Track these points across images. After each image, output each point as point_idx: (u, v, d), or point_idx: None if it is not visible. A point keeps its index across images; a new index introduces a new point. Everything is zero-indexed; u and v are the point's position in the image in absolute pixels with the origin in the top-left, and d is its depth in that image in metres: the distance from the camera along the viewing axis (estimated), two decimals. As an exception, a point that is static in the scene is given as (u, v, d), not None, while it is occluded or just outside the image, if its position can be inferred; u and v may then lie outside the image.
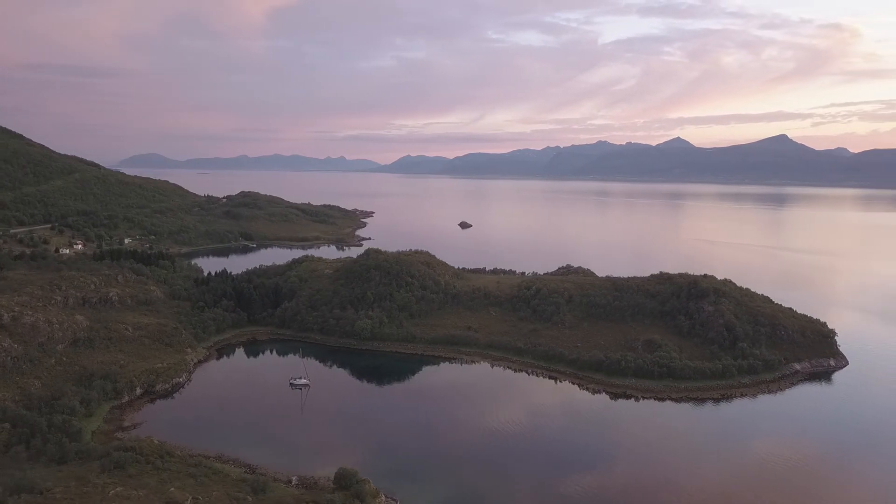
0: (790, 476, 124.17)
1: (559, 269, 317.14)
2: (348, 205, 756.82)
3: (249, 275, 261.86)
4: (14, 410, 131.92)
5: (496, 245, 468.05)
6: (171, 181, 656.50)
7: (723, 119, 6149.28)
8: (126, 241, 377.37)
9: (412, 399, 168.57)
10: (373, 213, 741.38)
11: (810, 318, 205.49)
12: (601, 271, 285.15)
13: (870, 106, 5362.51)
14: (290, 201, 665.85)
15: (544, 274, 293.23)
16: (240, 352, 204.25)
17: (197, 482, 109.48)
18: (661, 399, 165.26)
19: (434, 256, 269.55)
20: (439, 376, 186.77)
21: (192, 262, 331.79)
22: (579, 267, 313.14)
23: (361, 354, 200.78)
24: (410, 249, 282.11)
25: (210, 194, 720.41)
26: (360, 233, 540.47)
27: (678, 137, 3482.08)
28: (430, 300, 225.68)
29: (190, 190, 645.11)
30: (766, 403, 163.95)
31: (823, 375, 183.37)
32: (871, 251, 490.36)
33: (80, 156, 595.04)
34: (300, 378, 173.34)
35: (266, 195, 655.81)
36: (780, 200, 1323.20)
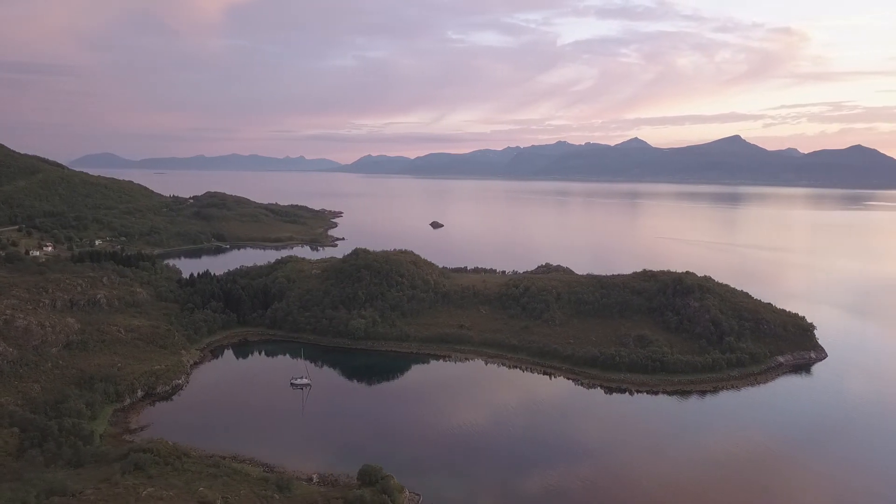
0: (776, 465, 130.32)
1: (539, 267, 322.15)
2: (314, 205, 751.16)
3: (233, 276, 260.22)
4: (21, 415, 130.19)
5: (470, 245, 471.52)
6: (134, 181, 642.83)
7: (678, 120, 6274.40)
8: (97, 242, 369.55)
9: (413, 397, 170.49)
10: (341, 213, 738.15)
11: (790, 312, 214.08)
12: (579, 270, 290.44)
13: (817, 108, 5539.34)
14: (257, 202, 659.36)
15: (524, 273, 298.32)
16: (234, 353, 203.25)
17: (220, 482, 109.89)
18: (655, 392, 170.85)
19: (419, 256, 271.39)
20: (437, 374, 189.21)
21: (167, 263, 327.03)
22: (558, 265, 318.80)
23: (356, 354, 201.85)
24: (395, 249, 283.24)
25: (175, 195, 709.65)
26: (332, 233, 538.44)
27: (636, 138, 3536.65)
28: (421, 299, 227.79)
29: (153, 190, 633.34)
30: (757, 394, 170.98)
31: (805, 367, 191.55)
32: (825, 248, 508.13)
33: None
34: (301, 378, 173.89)
35: (233, 196, 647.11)
36: (735, 199, 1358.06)
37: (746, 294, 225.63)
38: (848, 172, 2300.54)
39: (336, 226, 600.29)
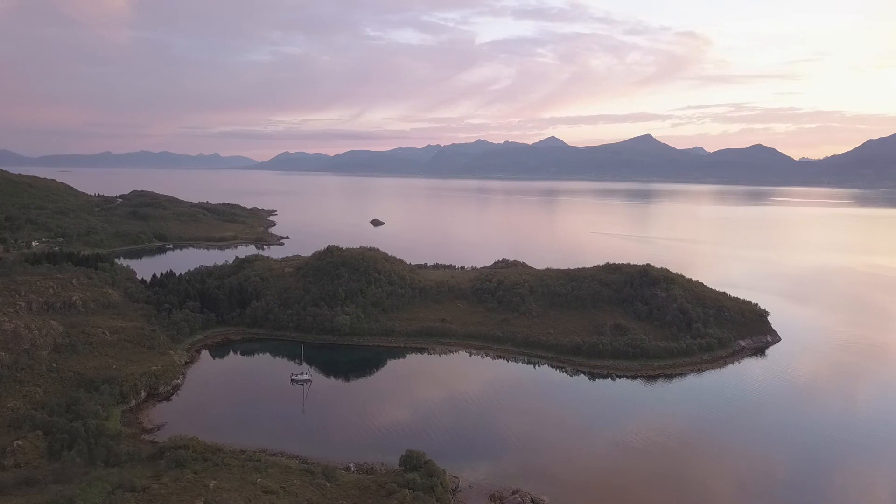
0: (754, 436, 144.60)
1: (496, 262, 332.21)
2: (245, 203, 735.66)
3: (200, 275, 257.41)
4: (41, 418, 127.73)
5: (417, 242, 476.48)
6: (56, 180, 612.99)
7: (592, 119, 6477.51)
8: (34, 243, 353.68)
9: (409, 388, 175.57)
10: (275, 211, 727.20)
11: (745, 300, 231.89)
12: (532, 265, 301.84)
13: (720, 109, 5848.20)
14: (188, 200, 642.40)
15: (483, 268, 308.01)
16: (221, 352, 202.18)
17: (267, 474, 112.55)
18: (637, 377, 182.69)
19: (386, 253, 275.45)
20: (427, 366, 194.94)
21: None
22: (515, 261, 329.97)
23: (343, 349, 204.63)
24: (360, 247, 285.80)
25: (99, 193, 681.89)
26: (274, 231, 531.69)
27: (553, 137, 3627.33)
28: (400, 295, 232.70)
29: (78, 190, 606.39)
30: (728, 374, 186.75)
31: (763, 350, 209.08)
32: (745, 241, 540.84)
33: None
34: (301, 374, 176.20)
35: (165, 195, 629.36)
36: (650, 196, 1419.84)
37: (702, 284, 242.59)
38: (749, 170, 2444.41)
39: (275, 224, 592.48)
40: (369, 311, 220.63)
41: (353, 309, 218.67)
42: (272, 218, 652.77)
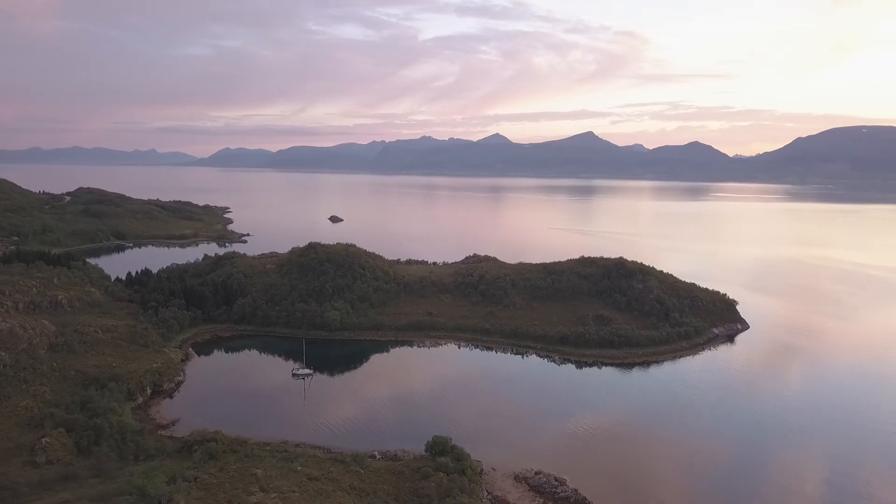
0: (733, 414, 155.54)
1: (467, 257, 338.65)
2: (196, 201, 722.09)
3: (180, 273, 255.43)
4: (62, 415, 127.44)
5: (380, 238, 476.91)
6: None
7: (535, 116, 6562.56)
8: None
9: (406, 379, 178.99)
10: (229, 208, 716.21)
11: (714, 290, 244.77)
12: (504, 260, 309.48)
13: (658, 107, 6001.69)
14: (137, 197, 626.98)
15: (454, 263, 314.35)
16: (213, 349, 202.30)
17: (301, 463, 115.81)
18: (624, 365, 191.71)
19: (364, 249, 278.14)
20: (420, 358, 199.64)
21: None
22: (486, 255, 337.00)
23: (334, 344, 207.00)
24: (337, 242, 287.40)
25: (44, 191, 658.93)
26: (233, 229, 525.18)
27: (497, 133, 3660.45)
28: (386, 290, 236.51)
29: (22, 187, 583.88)
30: (705, 359, 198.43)
31: (734, 337, 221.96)
32: (695, 235, 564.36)
33: None
34: (303, 368, 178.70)
35: (115, 192, 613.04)
36: (595, 192, 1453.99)
37: (672, 275, 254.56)
38: (687, 166, 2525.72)
39: (232, 222, 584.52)
40: (357, 307, 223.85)
41: (341, 304, 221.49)
42: (227, 215, 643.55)
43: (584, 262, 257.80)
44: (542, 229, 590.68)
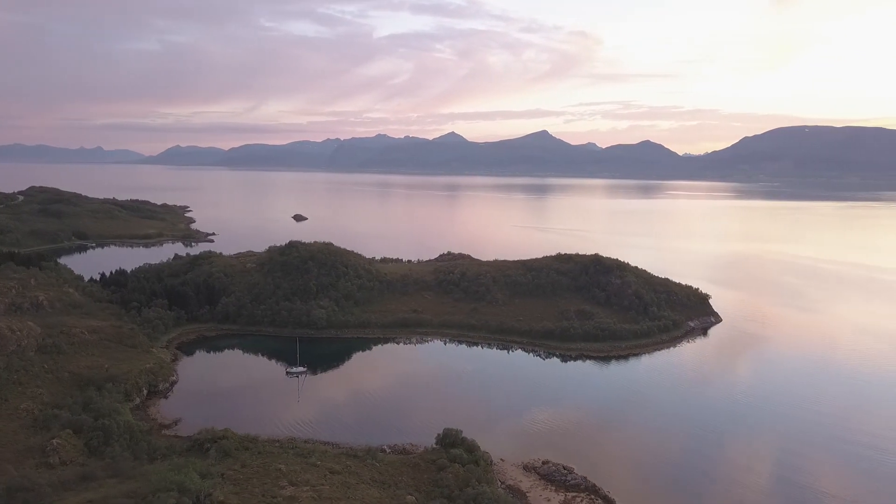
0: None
1: (441, 255, 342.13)
2: (155, 199, 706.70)
3: (157, 272, 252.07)
4: (67, 417, 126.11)
5: (349, 236, 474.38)
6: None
7: (490, 115, 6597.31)
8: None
9: (397, 375, 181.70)
10: (188, 207, 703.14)
11: (687, 285, 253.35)
12: (477, 257, 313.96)
13: (610, 106, 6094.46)
14: (89, 196, 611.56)
15: (429, 260, 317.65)
16: (201, 349, 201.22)
17: (316, 458, 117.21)
18: (607, 358, 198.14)
19: (341, 247, 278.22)
20: (409, 355, 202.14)
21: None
22: (460, 253, 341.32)
23: (322, 342, 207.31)
24: (314, 241, 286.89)
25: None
26: (196, 228, 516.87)
27: (452, 132, 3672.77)
28: (370, 288, 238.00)
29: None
30: (687, 351, 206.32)
31: (708, 329, 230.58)
32: (656, 231, 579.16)
33: None
34: (297, 366, 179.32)
35: (69, 191, 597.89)
36: (551, 190, 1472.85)
37: (647, 271, 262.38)
38: (640, 165, 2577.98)
39: (194, 221, 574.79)
40: (342, 305, 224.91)
41: (326, 303, 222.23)
42: (189, 214, 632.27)
43: (562, 258, 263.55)
44: (506, 227, 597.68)
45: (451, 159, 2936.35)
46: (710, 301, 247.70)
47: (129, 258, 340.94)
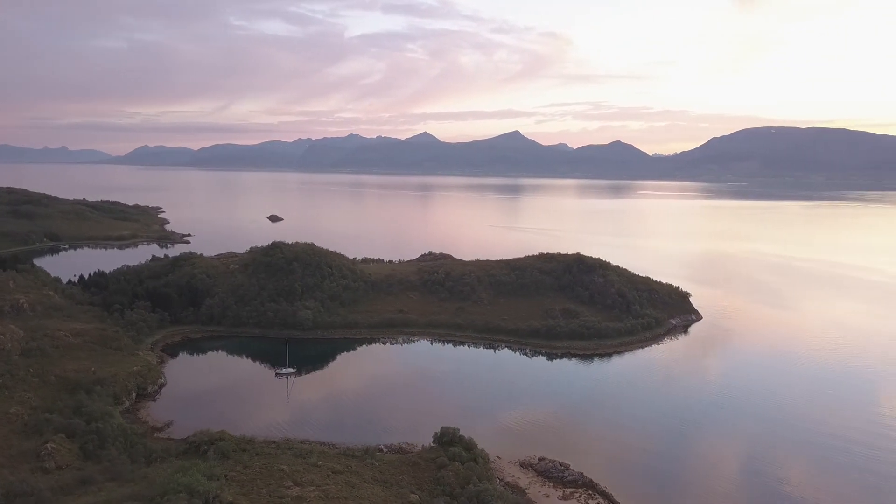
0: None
1: (423, 255, 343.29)
2: (126, 200, 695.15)
3: (137, 275, 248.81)
4: (60, 421, 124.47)
5: (326, 237, 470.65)
6: None
7: (462, 115, 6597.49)
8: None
9: (385, 375, 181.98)
10: (161, 208, 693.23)
11: (668, 283, 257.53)
12: (458, 257, 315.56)
13: (581, 107, 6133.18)
14: (57, 197, 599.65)
15: (410, 261, 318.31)
16: (186, 351, 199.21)
17: (317, 459, 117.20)
18: (593, 356, 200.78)
19: (327, 248, 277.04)
20: (397, 355, 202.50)
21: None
22: (441, 253, 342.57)
23: (309, 343, 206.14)
24: (295, 242, 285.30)
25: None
26: (171, 229, 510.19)
27: (425, 132, 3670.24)
28: (355, 288, 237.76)
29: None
30: (671, 348, 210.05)
31: (688, 327, 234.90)
32: (630, 231, 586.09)
33: None
34: (286, 368, 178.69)
35: (38, 192, 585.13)
36: (524, 190, 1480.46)
37: (627, 269, 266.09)
38: (611, 165, 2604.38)
39: (168, 222, 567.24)
40: (328, 305, 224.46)
41: (312, 304, 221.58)
42: (162, 215, 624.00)
43: (545, 258, 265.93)
44: (483, 227, 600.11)
45: (424, 159, 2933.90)
46: (690, 299, 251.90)
47: (104, 260, 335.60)
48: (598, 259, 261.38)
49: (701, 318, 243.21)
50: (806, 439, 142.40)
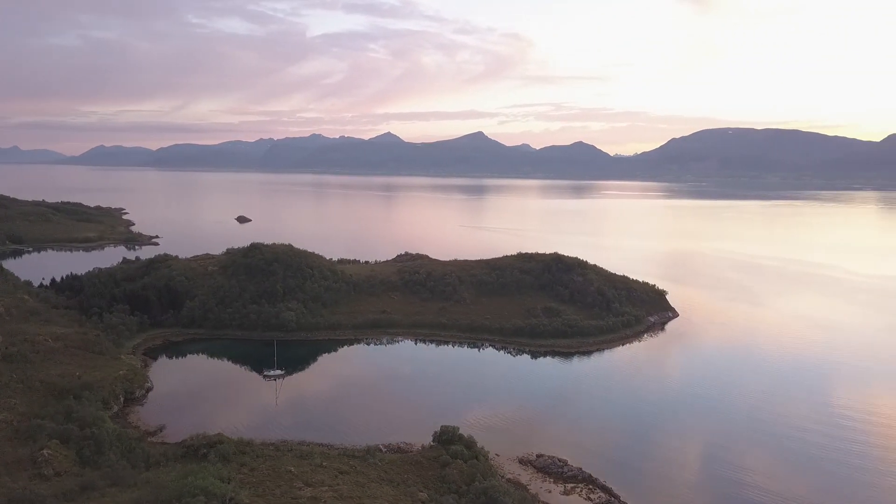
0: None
1: (398, 256, 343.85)
2: (86, 202, 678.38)
3: (111, 277, 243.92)
4: (53, 427, 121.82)
5: (298, 238, 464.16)
6: None
7: (424, 116, 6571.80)
8: None
9: (370, 375, 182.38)
10: (124, 209, 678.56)
11: (645, 282, 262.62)
12: (433, 257, 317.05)
13: (542, 108, 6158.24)
14: (22, 199, 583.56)
15: (386, 261, 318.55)
16: (169, 354, 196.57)
17: (321, 459, 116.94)
18: (575, 353, 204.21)
19: (301, 249, 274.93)
20: (381, 355, 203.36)
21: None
22: (418, 253, 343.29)
23: (292, 345, 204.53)
24: (273, 242, 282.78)
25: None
26: (138, 231, 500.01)
27: (388, 132, 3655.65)
28: (337, 289, 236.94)
29: None
30: (651, 344, 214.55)
31: (667, 323, 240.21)
32: (594, 230, 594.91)
33: None
34: (274, 370, 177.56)
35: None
36: (489, 191, 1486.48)
37: (604, 268, 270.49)
38: (573, 165, 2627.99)
39: (133, 223, 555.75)
40: (311, 307, 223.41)
41: (294, 305, 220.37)
42: (126, 217, 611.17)
43: (524, 257, 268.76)
44: (453, 227, 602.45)
45: (388, 160, 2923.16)
46: (667, 297, 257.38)
47: (71, 262, 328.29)
48: (576, 258, 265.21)
49: (678, 315, 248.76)
50: (775, 429, 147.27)
